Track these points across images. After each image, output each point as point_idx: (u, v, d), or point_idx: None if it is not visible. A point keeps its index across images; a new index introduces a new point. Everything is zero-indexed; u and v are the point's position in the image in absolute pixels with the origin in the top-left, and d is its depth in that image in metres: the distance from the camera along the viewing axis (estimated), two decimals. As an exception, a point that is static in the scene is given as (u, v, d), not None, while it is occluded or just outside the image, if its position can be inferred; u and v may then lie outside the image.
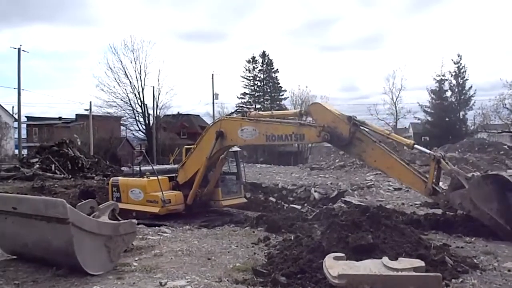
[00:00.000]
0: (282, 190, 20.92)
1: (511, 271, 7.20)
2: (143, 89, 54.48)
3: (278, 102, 69.88)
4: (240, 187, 15.19)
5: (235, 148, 15.94)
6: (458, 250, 8.52)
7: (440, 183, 21.22)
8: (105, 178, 22.68)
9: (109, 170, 26.65)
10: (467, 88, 60.80)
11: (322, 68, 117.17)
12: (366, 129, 11.14)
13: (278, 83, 74.51)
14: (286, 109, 64.39)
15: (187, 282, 6.79)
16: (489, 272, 7.19)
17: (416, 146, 10.89)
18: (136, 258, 8.30)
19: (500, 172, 9.64)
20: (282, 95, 74.20)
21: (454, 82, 61.11)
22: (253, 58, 74.39)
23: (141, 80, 54.34)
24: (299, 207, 16.38)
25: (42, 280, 6.87)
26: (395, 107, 67.40)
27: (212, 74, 61.88)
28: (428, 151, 11.07)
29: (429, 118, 62.96)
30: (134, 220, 8.81)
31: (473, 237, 9.76)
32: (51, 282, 6.84)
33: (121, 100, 54.26)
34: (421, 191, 10.72)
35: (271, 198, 19.12)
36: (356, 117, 11.09)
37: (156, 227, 11.91)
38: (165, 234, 10.85)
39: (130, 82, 53.99)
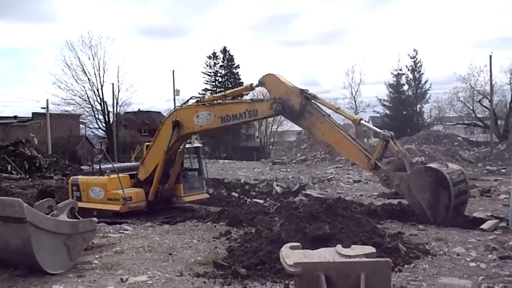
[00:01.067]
0: (244, 185, 21.05)
1: (460, 256, 7.61)
2: (102, 86, 53.22)
3: (239, 98, 69.70)
4: (202, 183, 15.21)
5: (197, 144, 15.97)
6: (412, 237, 8.90)
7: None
8: (64, 178, 22.20)
9: (68, 169, 26.05)
10: (423, 82, 62.49)
11: (284, 63, 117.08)
12: (317, 103, 11.40)
13: (239, 79, 74.31)
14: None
15: (148, 277, 6.86)
16: (439, 257, 7.58)
17: (363, 122, 11.24)
18: (97, 256, 8.29)
19: (442, 167, 10.07)
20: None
21: (411, 76, 62.67)
22: (214, 54, 73.98)
23: (100, 77, 53.05)
24: (261, 201, 16.55)
25: (0, 281, 6.78)
26: (355, 101, 68.69)
27: (173, 71, 61.23)
28: (376, 128, 11.38)
29: (387, 112, 64.33)
30: (94, 218, 8.77)
31: (426, 224, 10.22)
32: (9, 282, 6.77)
33: (80, 97, 52.88)
34: (364, 165, 11.10)
35: (233, 193, 19.18)
36: (308, 90, 11.35)
37: (118, 225, 11.86)
38: (127, 232, 10.84)
39: (88, 79, 52.61)
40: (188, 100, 13.53)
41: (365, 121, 11.54)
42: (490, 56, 41.71)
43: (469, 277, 6.47)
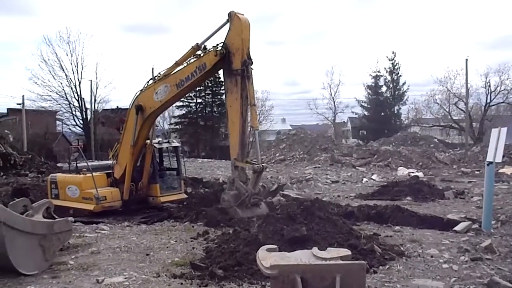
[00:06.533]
0: (223, 184, 21.00)
1: (433, 257, 7.76)
2: (80, 83, 52.51)
3: (219, 96, 69.46)
4: (180, 182, 15.10)
5: (175, 143, 15.84)
6: (387, 239, 9.04)
7: (375, 175, 22.06)
8: (39, 175, 21.88)
9: (44, 167, 25.66)
10: (401, 84, 63.16)
11: (266, 62, 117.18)
12: (248, 83, 11.57)
13: (219, 77, 74.20)
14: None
15: (125, 278, 6.82)
16: (413, 259, 7.73)
17: (256, 132, 12.01)
18: (73, 256, 8.20)
19: (246, 214, 11.34)
20: (223, 89, 74.32)
21: (389, 78, 63.30)
22: (195, 51, 73.73)
23: (77, 73, 52.37)
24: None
25: (-28, 283, 6.68)
26: (334, 102, 69.19)
27: (152, 68, 60.69)
28: (259, 152, 12.32)
29: (365, 113, 64.94)
30: (70, 218, 8.67)
31: (402, 226, 10.40)
32: (-18, 284, 6.66)
33: (57, 93, 52.06)
34: (232, 157, 11.97)
35: (212, 193, 19.10)
36: (251, 63, 11.50)
37: (94, 225, 11.73)
38: (103, 231, 10.73)
39: (66, 75, 51.81)
40: (147, 83, 13.38)
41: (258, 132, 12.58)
42: (466, 60, 42.69)
43: (442, 279, 6.61)
